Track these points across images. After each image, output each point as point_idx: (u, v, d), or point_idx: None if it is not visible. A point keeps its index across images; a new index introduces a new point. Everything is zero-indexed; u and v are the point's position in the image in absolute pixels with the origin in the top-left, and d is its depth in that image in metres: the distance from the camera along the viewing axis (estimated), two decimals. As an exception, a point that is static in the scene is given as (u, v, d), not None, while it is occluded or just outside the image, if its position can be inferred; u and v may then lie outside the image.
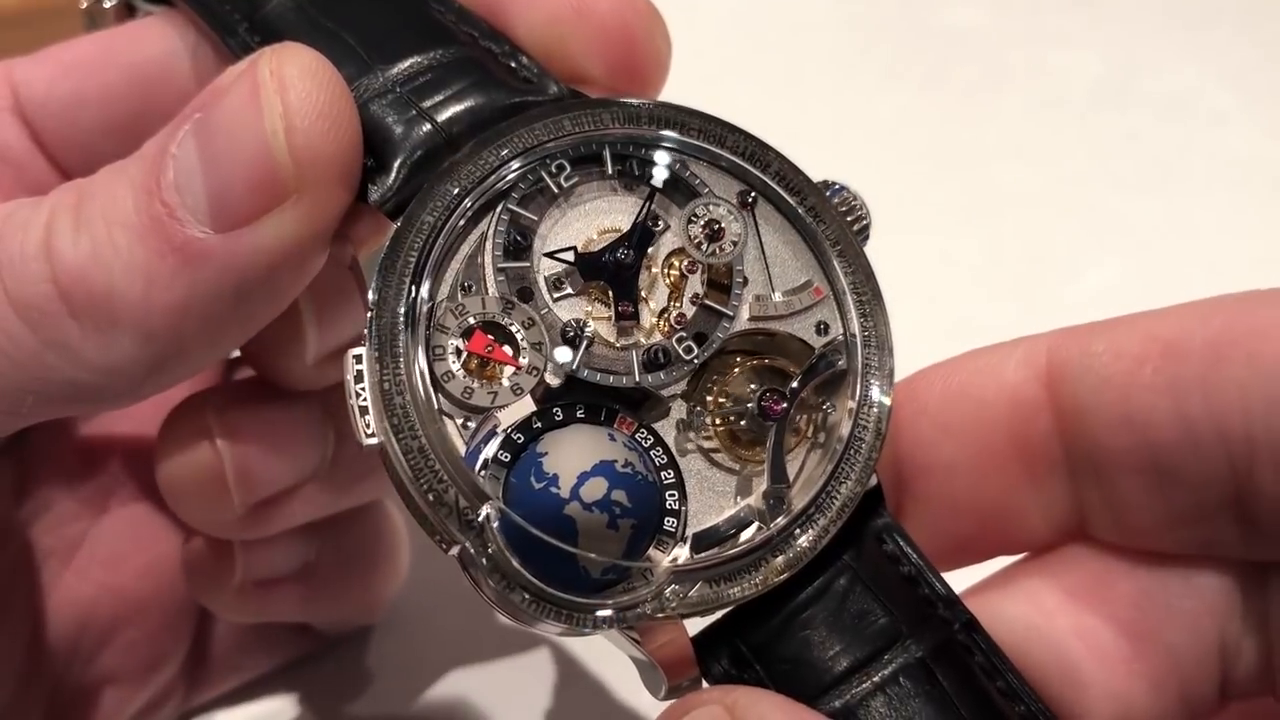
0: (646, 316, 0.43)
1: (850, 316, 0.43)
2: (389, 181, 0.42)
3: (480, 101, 0.44)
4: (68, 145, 0.52)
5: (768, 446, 0.42)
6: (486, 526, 0.39)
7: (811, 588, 0.42)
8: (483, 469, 0.40)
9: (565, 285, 0.43)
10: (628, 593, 0.40)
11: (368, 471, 0.53)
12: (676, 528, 0.41)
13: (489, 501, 0.39)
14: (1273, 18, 1.03)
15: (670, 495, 0.42)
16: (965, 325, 0.75)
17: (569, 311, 0.42)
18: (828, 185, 0.45)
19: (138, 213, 0.41)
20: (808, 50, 1.01)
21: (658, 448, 0.42)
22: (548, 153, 0.43)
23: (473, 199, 0.42)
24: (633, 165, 0.44)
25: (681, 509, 0.42)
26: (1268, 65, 0.98)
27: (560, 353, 0.42)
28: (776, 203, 0.44)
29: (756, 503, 0.42)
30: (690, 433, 0.43)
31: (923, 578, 0.42)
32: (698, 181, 0.44)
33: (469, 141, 0.43)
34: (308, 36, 0.44)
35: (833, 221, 0.44)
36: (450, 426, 0.40)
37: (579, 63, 0.47)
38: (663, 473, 0.42)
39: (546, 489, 0.40)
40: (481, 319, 0.41)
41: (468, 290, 0.42)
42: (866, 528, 0.42)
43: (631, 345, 0.42)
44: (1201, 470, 0.41)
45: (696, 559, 0.41)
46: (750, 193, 0.44)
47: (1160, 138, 0.93)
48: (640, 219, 0.43)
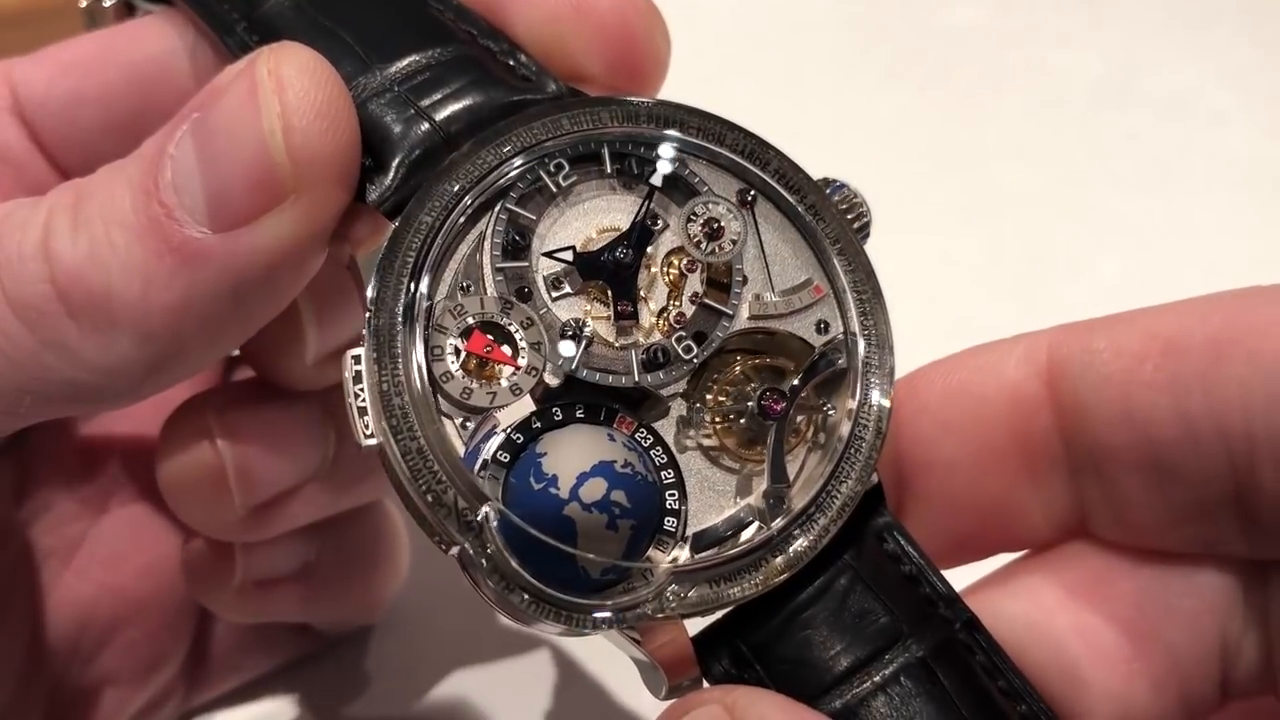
0: (646, 316, 0.43)
1: (850, 315, 0.43)
2: (387, 181, 0.42)
3: (479, 100, 0.43)
4: (67, 144, 0.52)
5: (768, 446, 0.42)
6: (485, 527, 0.39)
7: (812, 587, 0.42)
8: (482, 469, 0.40)
9: (564, 285, 0.42)
10: (627, 593, 0.40)
11: (368, 472, 0.53)
12: (676, 528, 0.41)
13: (488, 502, 0.39)
14: (1273, 18, 1.03)
15: (670, 495, 0.41)
16: (965, 325, 0.74)
17: (568, 311, 0.42)
18: (828, 183, 0.45)
19: (136, 213, 0.41)
20: (808, 50, 1.01)
21: (657, 447, 0.42)
22: (546, 151, 0.43)
23: (471, 198, 0.42)
24: (632, 164, 0.44)
25: (682, 509, 0.42)
26: (1268, 65, 0.98)
27: (560, 352, 0.41)
28: (776, 201, 0.44)
29: (756, 502, 0.42)
30: (690, 431, 0.42)
31: (924, 577, 0.42)
32: (697, 180, 0.44)
33: (467, 140, 0.43)
34: (306, 35, 0.44)
35: (833, 219, 0.44)
36: (449, 427, 0.40)
37: (578, 61, 0.46)
38: (662, 472, 0.41)
39: (546, 489, 0.40)
40: (480, 319, 0.41)
41: (466, 290, 0.42)
42: (867, 527, 0.42)
43: (631, 345, 0.42)
44: (1202, 468, 0.41)
45: (696, 559, 0.41)
46: (750, 191, 0.44)
47: (1160, 138, 0.93)
48: (639, 218, 0.43)
